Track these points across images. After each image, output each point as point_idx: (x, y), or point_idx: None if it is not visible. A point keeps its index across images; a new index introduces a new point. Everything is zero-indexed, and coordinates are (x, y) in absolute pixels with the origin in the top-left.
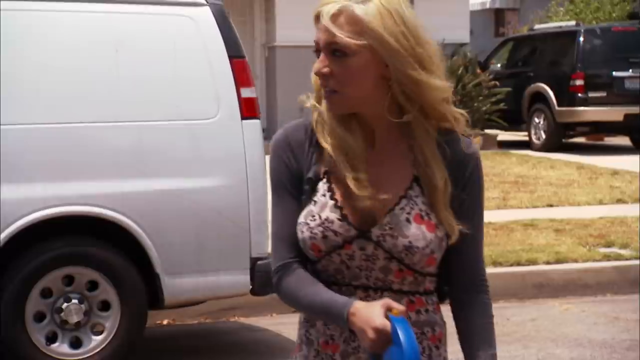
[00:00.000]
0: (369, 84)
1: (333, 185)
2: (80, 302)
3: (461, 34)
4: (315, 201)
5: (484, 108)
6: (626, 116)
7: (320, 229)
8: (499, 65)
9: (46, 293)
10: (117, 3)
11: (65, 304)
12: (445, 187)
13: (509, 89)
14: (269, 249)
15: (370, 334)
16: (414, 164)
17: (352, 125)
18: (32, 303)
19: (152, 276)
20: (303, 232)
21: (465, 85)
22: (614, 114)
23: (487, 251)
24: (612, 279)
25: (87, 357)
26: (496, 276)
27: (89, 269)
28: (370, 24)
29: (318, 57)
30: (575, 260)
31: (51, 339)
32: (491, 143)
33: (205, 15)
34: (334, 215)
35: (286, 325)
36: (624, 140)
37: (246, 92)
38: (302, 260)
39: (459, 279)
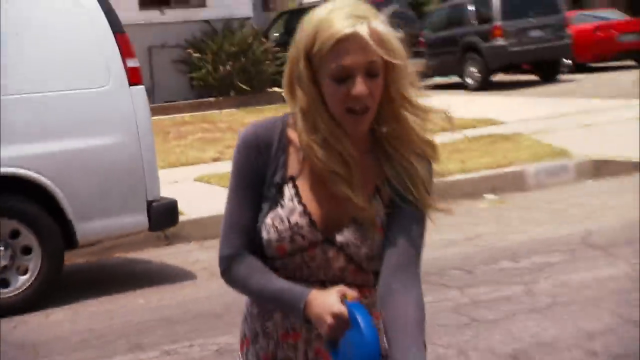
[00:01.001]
0: None
1: (300, 191)
2: (6, 248)
3: (245, 9)
4: (282, 205)
5: (270, 70)
6: None
7: (289, 232)
8: (276, 34)
9: None
10: None
11: None
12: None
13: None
14: (162, 193)
15: (329, 319)
16: (378, 175)
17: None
18: None
19: (65, 222)
20: (270, 234)
21: (254, 52)
22: None
23: None
24: None
25: (15, 294)
26: None
27: (11, 219)
28: (391, 41)
29: (341, 82)
30: None
31: None
32: (277, 98)
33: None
34: (303, 221)
35: (166, 255)
36: None
37: (131, 62)
38: (252, 250)
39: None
